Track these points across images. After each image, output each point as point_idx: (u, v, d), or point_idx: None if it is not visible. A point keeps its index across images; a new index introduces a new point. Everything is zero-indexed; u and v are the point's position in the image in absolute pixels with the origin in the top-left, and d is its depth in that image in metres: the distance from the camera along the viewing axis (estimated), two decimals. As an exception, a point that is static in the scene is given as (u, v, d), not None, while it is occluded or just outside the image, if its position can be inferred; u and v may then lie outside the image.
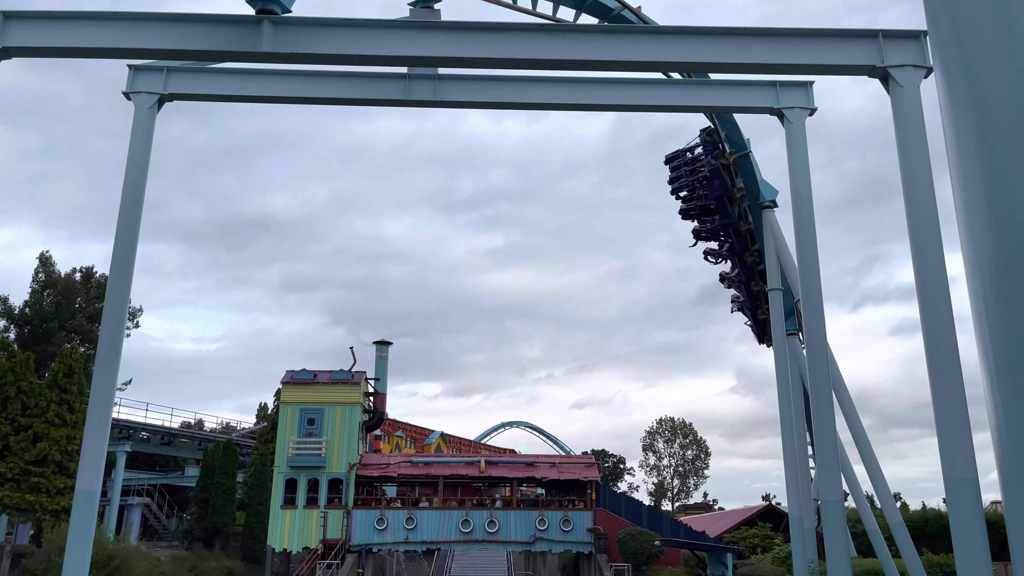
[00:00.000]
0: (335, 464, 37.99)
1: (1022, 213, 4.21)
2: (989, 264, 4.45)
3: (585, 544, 37.34)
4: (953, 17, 4.63)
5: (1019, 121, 4.23)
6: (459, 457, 42.99)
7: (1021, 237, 4.26)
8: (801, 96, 17.15)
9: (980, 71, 4.44)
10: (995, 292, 4.46)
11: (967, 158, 4.60)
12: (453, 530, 37.20)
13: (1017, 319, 4.27)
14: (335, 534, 36.73)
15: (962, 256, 4.71)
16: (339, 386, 39.13)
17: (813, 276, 16.61)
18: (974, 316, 4.90)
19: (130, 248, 16.35)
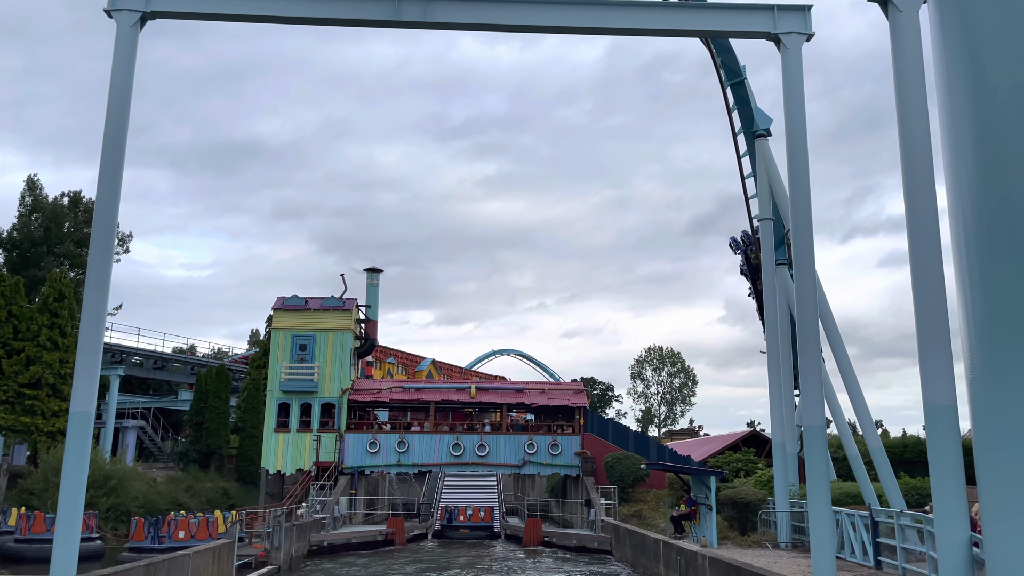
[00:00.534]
0: (327, 389, 38.51)
1: (1006, 141, 4.23)
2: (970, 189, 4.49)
3: (573, 467, 38.26)
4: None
5: (1008, 48, 4.21)
6: (450, 383, 43.62)
7: (1003, 164, 4.29)
8: (799, 21, 16.84)
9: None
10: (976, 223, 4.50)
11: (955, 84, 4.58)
12: (444, 453, 38.01)
13: (996, 247, 4.33)
14: (328, 457, 37.50)
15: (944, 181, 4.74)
16: (330, 313, 39.35)
17: (804, 205, 16.61)
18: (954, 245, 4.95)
19: (116, 170, 16.18)
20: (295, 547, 26.41)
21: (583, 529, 33.34)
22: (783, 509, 24.47)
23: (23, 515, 27.24)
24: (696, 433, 75.78)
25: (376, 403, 39.86)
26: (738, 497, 26.19)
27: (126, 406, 49.36)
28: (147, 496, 35.25)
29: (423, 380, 51.37)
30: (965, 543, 10.24)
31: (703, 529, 24.35)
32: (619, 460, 36.40)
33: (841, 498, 25.83)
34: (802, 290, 16.35)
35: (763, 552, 22.46)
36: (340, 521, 33.33)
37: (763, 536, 24.69)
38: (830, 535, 15.38)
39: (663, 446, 41.80)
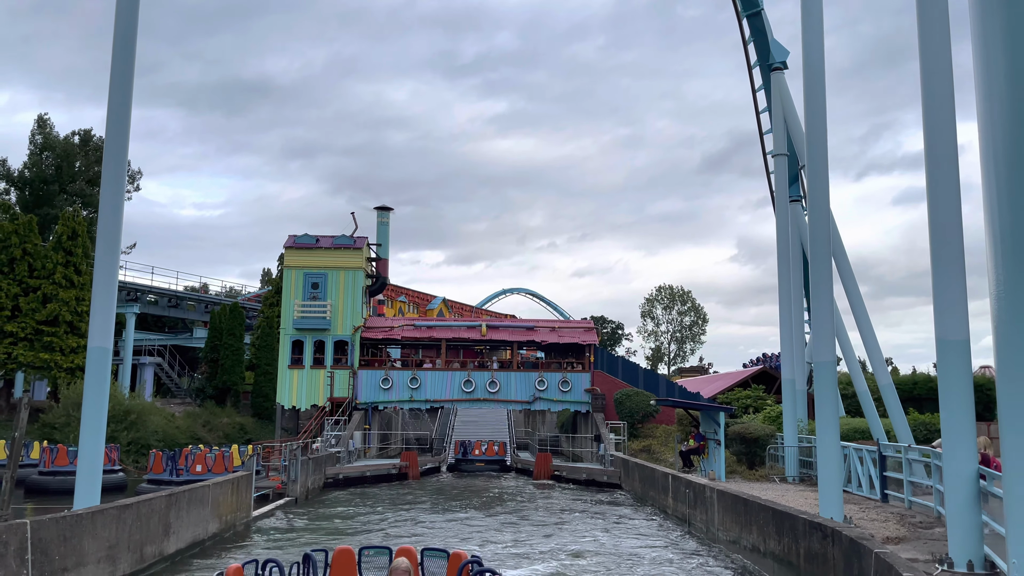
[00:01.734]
0: (340, 327, 38.82)
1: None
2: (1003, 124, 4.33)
3: (583, 403, 38.70)
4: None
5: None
6: (461, 321, 43.85)
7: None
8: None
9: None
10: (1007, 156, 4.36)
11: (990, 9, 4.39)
12: (456, 390, 38.47)
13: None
14: (342, 392, 38.02)
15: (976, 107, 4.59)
16: (341, 251, 39.41)
17: (820, 140, 16.31)
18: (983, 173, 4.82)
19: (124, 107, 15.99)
20: (311, 480, 26.94)
21: (593, 463, 33.82)
22: (791, 444, 24.70)
23: (46, 448, 27.80)
24: (706, 371, 76.23)
25: (388, 340, 40.16)
26: (747, 432, 26.42)
27: (143, 343, 49.94)
28: (166, 430, 35.91)
29: (434, 318, 51.62)
30: (972, 476, 10.30)
31: (711, 463, 24.63)
32: (629, 396, 36.72)
33: (849, 433, 26.07)
34: (815, 227, 16.17)
35: (771, 485, 22.75)
36: (354, 455, 33.85)
37: (771, 470, 24.98)
38: (838, 468, 15.53)
39: (673, 383, 42.12)
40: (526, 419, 49.00)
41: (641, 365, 46.17)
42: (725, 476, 23.94)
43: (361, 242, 40.00)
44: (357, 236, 40.34)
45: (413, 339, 40.15)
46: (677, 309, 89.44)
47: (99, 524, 12.55)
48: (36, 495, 26.07)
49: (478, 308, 76.95)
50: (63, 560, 11.40)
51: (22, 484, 27.19)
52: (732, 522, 16.42)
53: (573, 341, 39.58)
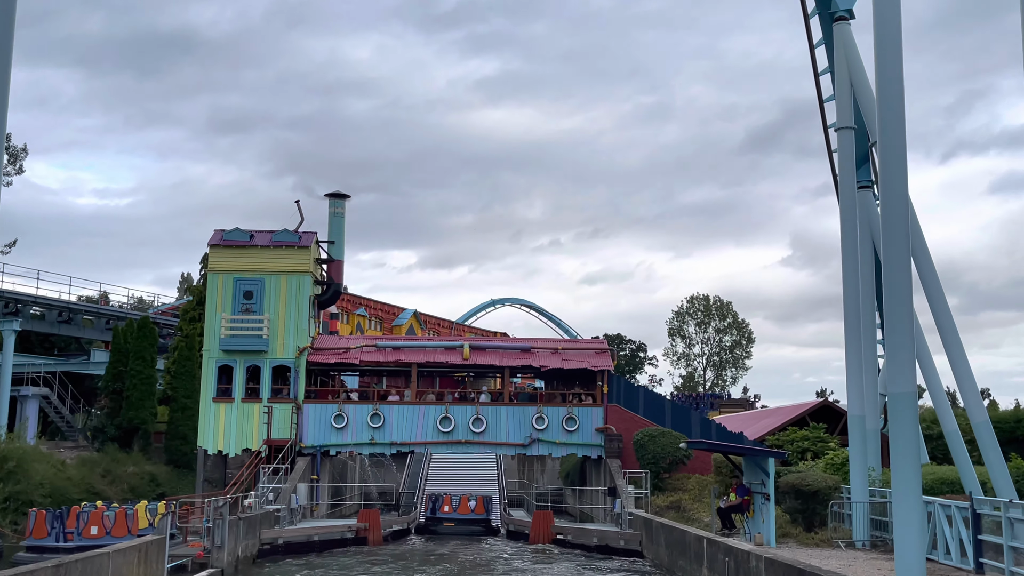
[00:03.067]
0: (280, 348, 38.83)
1: None
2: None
3: (593, 447, 38.82)
4: None
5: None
6: (437, 341, 43.85)
7: None
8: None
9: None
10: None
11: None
12: (430, 429, 38.49)
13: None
14: (282, 434, 38.02)
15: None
16: (283, 250, 39.43)
17: (895, 110, 16.41)
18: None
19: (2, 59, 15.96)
20: (242, 546, 26.86)
21: (606, 524, 33.78)
22: (860, 499, 24.72)
23: None
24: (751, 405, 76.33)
25: (343, 365, 40.17)
26: (803, 484, 26.45)
27: (25, 369, 49.68)
28: (54, 482, 35.62)
29: (403, 337, 51.56)
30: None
31: (758, 524, 24.66)
32: (652, 438, 36.75)
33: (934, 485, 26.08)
34: (890, 221, 16.25)
35: (834, 553, 22.79)
36: (299, 514, 33.77)
37: (834, 533, 25.02)
38: (919, 531, 15.57)
39: (709, 420, 42.14)
40: (521, 467, 48.99)
41: (668, 398, 46.25)
42: (776, 540, 23.97)
43: (308, 239, 40.02)
44: (303, 231, 40.35)
45: (375, 364, 40.12)
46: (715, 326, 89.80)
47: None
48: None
49: (460, 324, 76.97)
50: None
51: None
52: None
53: (581, 366, 39.64)
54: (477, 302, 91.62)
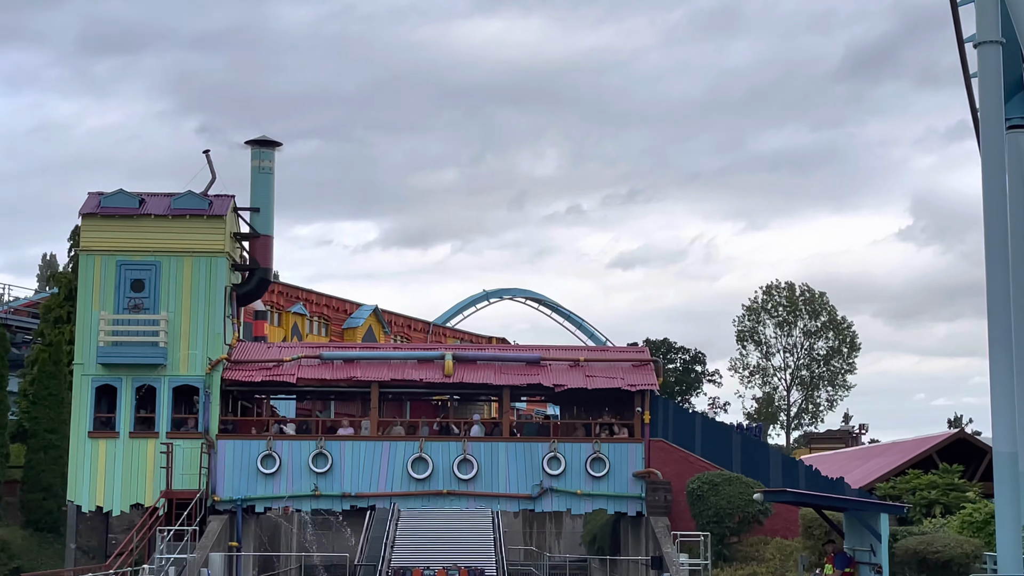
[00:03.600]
0: (184, 361, 38.71)
1: None
2: None
3: (630, 500, 38.79)
4: None
5: None
6: (408, 350, 43.66)
7: None
8: None
9: None
10: None
11: None
12: (397, 476, 38.42)
13: None
14: (188, 483, 37.88)
15: None
16: (186, 222, 39.22)
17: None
18: None
19: None
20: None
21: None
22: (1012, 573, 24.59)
23: None
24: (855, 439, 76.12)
25: (274, 385, 40.03)
26: (930, 551, 26.41)
27: None
28: None
29: (359, 344, 51.39)
30: None
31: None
32: (714, 486, 36.65)
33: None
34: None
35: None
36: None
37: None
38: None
39: (794, 461, 42.01)
40: (527, 529, 48.91)
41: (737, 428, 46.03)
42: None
43: (223, 205, 39.72)
44: (215, 194, 40.08)
45: (319, 383, 39.99)
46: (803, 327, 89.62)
47: None
48: None
49: (440, 326, 76.80)
50: None
51: None
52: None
53: (613, 385, 39.41)
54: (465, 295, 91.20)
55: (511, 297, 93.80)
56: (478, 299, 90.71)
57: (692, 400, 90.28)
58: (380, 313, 65.90)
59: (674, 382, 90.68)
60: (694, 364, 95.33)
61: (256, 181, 42.30)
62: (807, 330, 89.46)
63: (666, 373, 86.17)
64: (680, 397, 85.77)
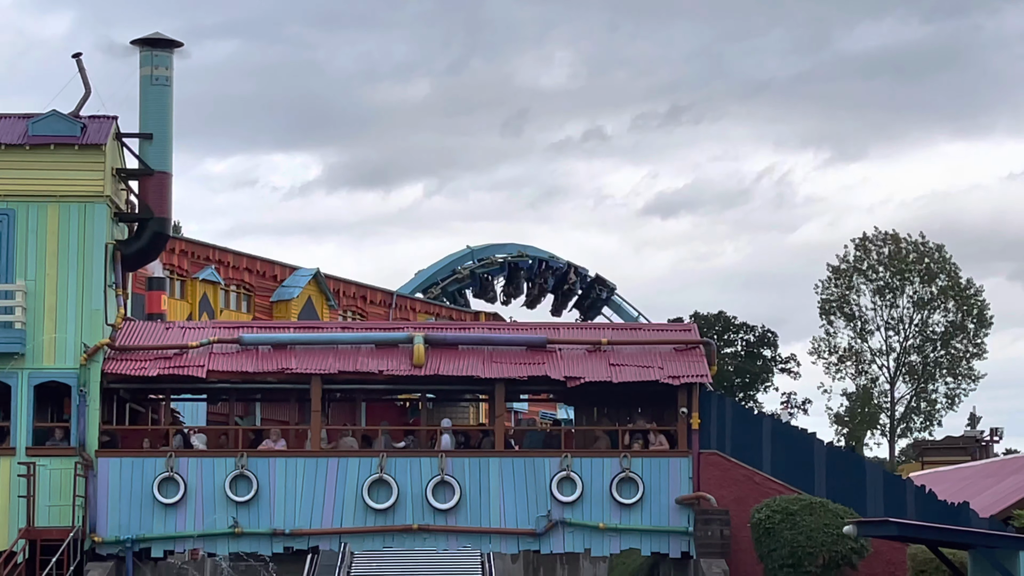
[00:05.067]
0: (49, 348, 38.30)
1: None
2: None
3: (674, 535, 38.43)
4: None
5: None
6: (363, 331, 43.76)
7: None
8: None
9: None
10: None
11: None
12: (349, 505, 38.11)
13: None
14: (57, 518, 37.50)
15: None
16: (51, 153, 38.55)
17: None
18: None
19: None
20: None
21: None
22: None
23: None
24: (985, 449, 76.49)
25: (175, 380, 39.48)
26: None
27: None
28: None
29: (294, 323, 51.56)
30: None
31: None
32: (790, 516, 36.14)
33: None
34: None
35: None
36: None
37: None
38: None
39: (902, 480, 41.86)
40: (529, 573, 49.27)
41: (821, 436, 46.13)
42: None
43: (101, 131, 39.27)
44: (90, 116, 39.85)
45: (239, 377, 39.45)
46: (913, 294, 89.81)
47: None
48: None
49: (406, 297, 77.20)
50: None
51: None
52: None
53: (647, 377, 38.95)
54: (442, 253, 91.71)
55: (506, 256, 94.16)
56: (461, 259, 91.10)
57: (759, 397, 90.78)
58: (323, 280, 66.14)
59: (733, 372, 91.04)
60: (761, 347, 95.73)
61: (148, 96, 41.24)
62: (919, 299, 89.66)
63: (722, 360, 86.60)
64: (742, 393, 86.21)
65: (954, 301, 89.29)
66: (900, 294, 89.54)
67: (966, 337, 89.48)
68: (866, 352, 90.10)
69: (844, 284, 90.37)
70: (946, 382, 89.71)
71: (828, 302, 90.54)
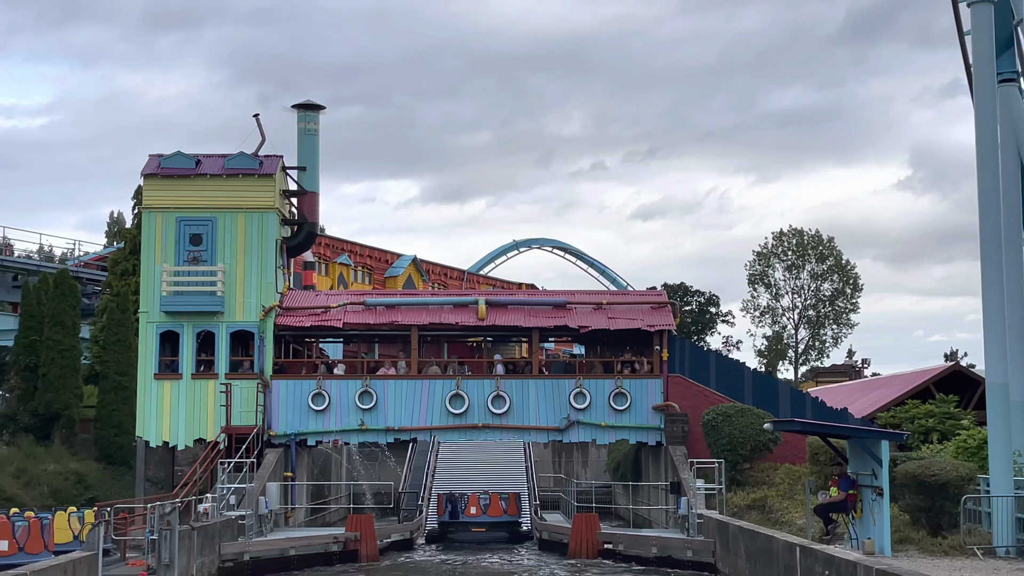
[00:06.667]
0: (240, 308, 38.91)
1: None
2: None
3: (650, 431, 38.95)
4: None
5: None
6: (444, 296, 43.75)
7: None
8: None
9: None
10: None
11: None
12: (436, 411, 38.65)
13: None
14: (246, 419, 38.23)
15: None
16: (239, 180, 39.28)
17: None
18: None
19: None
20: (196, 564, 27.07)
21: (668, 530, 33.99)
22: (1003, 493, 24.50)
23: None
24: (858, 372, 75.97)
25: (322, 330, 40.22)
26: (927, 475, 26.27)
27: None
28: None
29: (399, 292, 51.47)
30: None
31: (868, 527, 24.54)
32: (728, 417, 36.68)
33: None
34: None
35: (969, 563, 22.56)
36: (269, 522, 34.05)
37: (968, 537, 24.85)
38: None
39: (801, 394, 42.01)
40: (556, 458, 49.20)
41: (749, 365, 45.94)
42: (892, 548, 23.88)
43: (272, 165, 39.75)
44: (265, 155, 40.11)
45: (364, 327, 40.20)
46: (810, 270, 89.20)
47: None
48: None
49: (474, 274, 76.84)
50: None
51: None
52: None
53: (634, 326, 39.51)
54: (496, 245, 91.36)
55: (539, 246, 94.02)
56: (509, 248, 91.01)
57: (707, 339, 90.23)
58: (419, 263, 66.07)
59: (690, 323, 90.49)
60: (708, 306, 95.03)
61: (303, 142, 42.55)
62: (814, 273, 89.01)
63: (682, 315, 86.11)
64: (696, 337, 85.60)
65: (837, 275, 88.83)
66: (802, 270, 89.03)
67: (845, 299, 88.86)
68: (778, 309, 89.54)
69: (764, 263, 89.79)
70: (832, 329, 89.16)
71: (753, 276, 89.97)
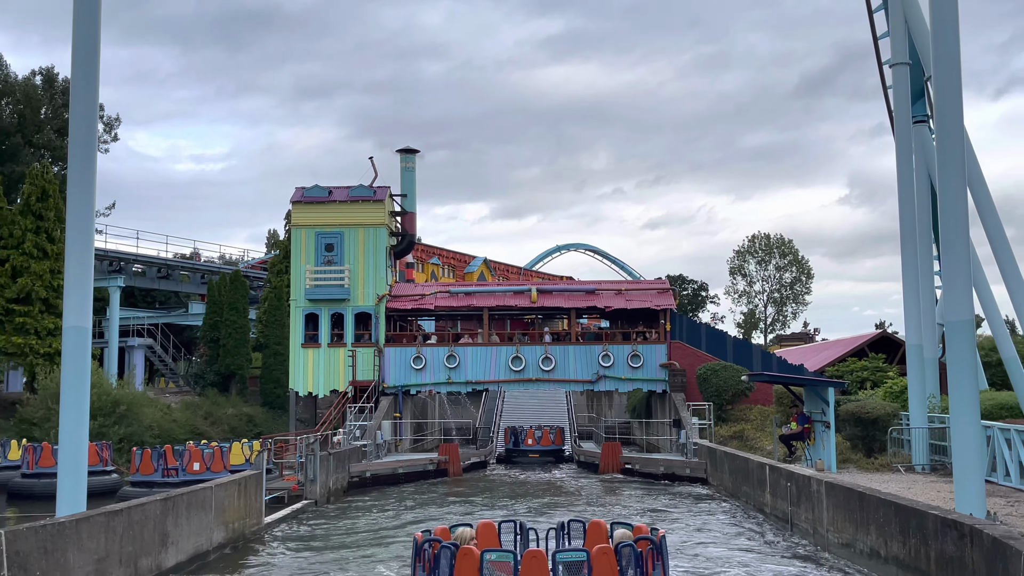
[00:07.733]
0: (361, 296, 39.29)
1: None
2: None
3: (658, 382, 38.81)
4: None
5: None
6: (506, 286, 43.97)
7: None
8: None
9: None
10: None
11: None
12: (502, 369, 38.81)
13: None
14: (366, 375, 38.63)
15: None
16: (359, 204, 39.69)
17: (951, 44, 15.80)
18: None
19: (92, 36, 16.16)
20: (333, 479, 27.48)
21: (672, 454, 33.88)
22: (919, 425, 24.37)
23: (28, 447, 28.78)
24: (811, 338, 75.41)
25: (419, 311, 40.53)
26: (863, 412, 26.14)
27: (130, 322, 51.12)
28: (162, 424, 36.84)
29: (474, 283, 51.70)
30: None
31: (819, 451, 24.45)
32: (715, 372, 36.58)
33: (993, 410, 25.59)
34: (946, 151, 15.70)
35: (893, 476, 22.52)
36: (383, 449, 34.35)
37: (894, 458, 24.72)
38: (978, 454, 15.23)
39: (770, 354, 41.73)
40: (589, 402, 49.27)
41: (730, 333, 45.72)
42: (836, 466, 23.76)
43: (382, 193, 40.14)
44: (377, 186, 40.46)
45: (449, 309, 40.46)
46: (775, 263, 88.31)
47: (85, 534, 12.97)
48: (20, 500, 27.06)
49: (527, 270, 77.08)
50: (45, 575, 11.83)
51: (3, 489, 28.28)
52: (845, 521, 16.32)
53: (644, 306, 39.43)
54: (544, 248, 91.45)
55: (575, 250, 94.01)
56: (553, 251, 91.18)
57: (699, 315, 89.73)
58: (488, 262, 66.56)
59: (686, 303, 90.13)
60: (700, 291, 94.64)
61: (404, 176, 42.76)
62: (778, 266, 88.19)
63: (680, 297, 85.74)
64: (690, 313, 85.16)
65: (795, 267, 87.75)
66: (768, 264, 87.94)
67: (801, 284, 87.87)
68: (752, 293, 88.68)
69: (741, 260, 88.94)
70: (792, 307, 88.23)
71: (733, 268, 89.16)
